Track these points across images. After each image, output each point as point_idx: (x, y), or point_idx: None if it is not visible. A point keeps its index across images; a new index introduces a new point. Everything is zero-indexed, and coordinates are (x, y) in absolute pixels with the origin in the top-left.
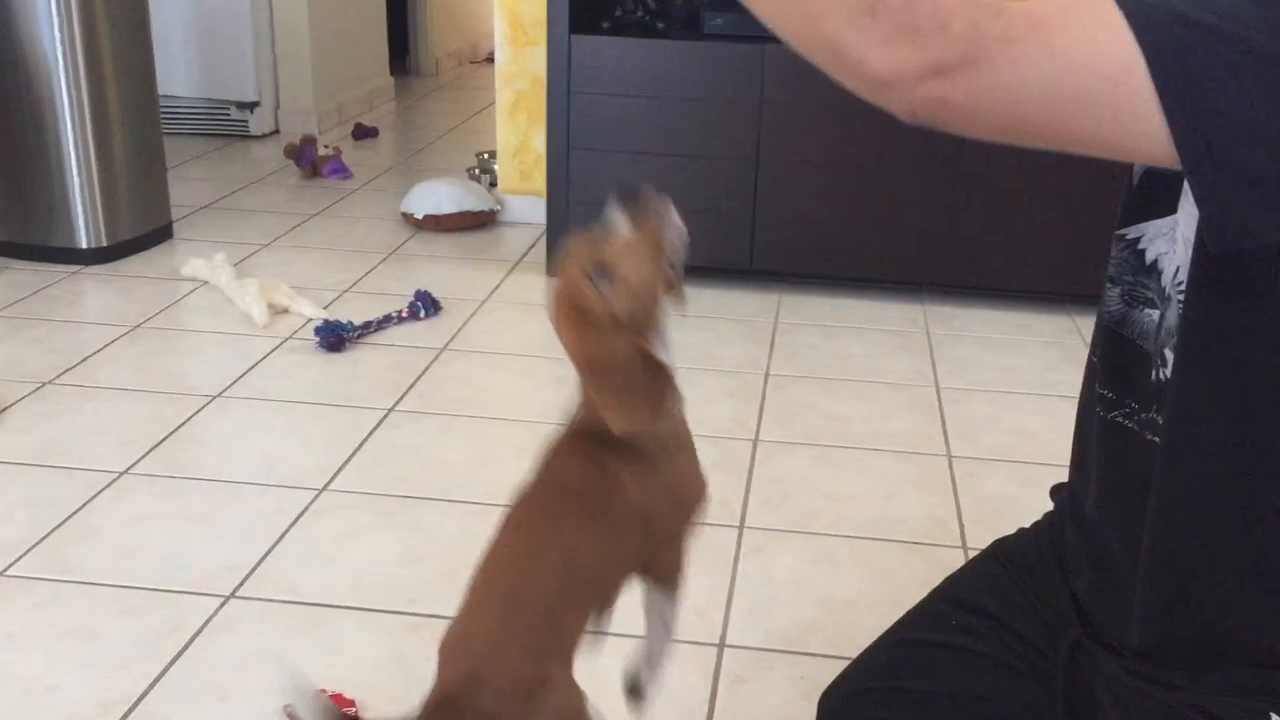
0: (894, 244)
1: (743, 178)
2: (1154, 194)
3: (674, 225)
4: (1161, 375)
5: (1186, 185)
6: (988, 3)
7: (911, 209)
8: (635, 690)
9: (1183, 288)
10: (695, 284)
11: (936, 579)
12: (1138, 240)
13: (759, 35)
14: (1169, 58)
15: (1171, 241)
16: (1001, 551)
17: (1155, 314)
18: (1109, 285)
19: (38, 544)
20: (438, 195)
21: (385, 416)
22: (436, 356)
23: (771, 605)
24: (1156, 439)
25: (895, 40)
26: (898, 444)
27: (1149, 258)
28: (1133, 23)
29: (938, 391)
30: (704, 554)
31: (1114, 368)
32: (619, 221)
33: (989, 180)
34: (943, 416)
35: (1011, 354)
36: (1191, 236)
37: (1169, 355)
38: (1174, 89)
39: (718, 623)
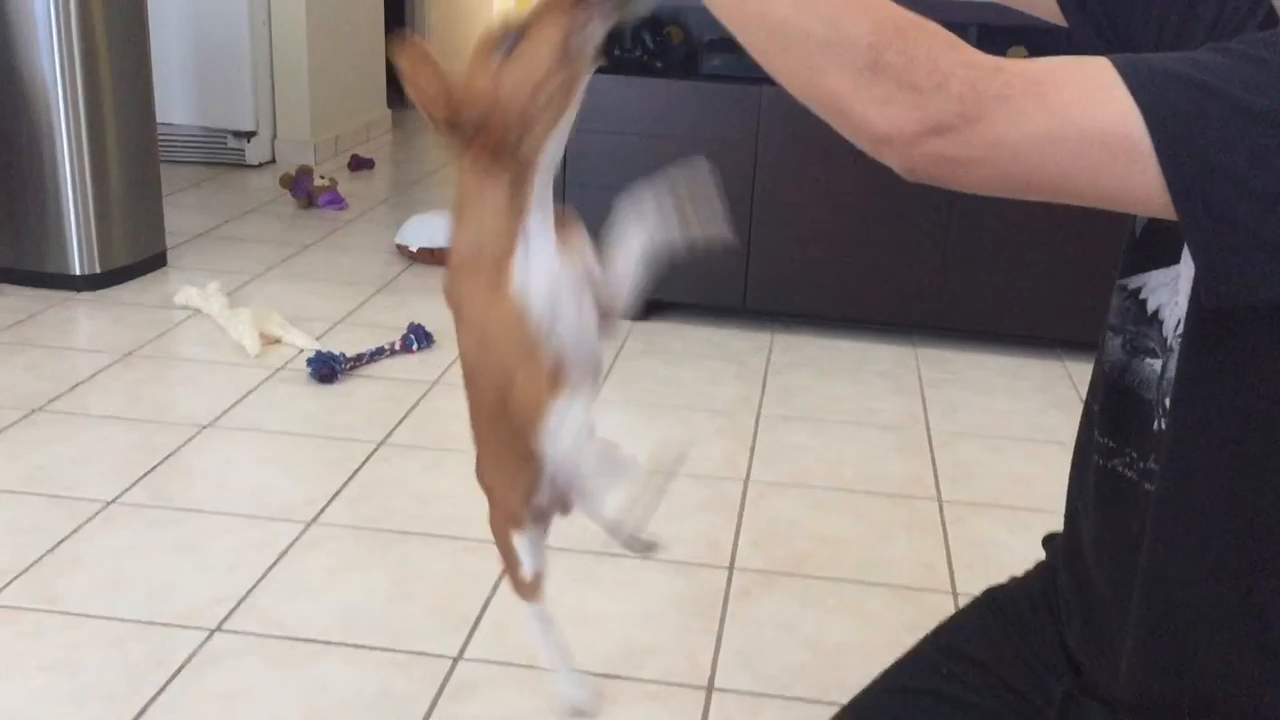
0: (887, 286)
1: (737, 217)
2: (1156, 244)
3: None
4: (1162, 425)
5: None
6: (985, 62)
7: (905, 251)
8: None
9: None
10: (688, 322)
11: (926, 624)
12: (1139, 290)
13: (756, 77)
14: (1166, 115)
15: (1173, 292)
16: (994, 600)
17: (1157, 364)
18: (1110, 334)
19: (23, 573)
20: (432, 228)
21: (376, 450)
22: (428, 390)
23: (761, 648)
24: (1152, 489)
25: (895, 98)
26: (888, 487)
27: (1150, 307)
28: (1129, 81)
29: (929, 434)
30: (693, 594)
31: (1114, 417)
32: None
33: (983, 224)
34: (934, 460)
35: (1003, 398)
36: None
37: (1169, 405)
38: (1171, 146)
39: (706, 665)
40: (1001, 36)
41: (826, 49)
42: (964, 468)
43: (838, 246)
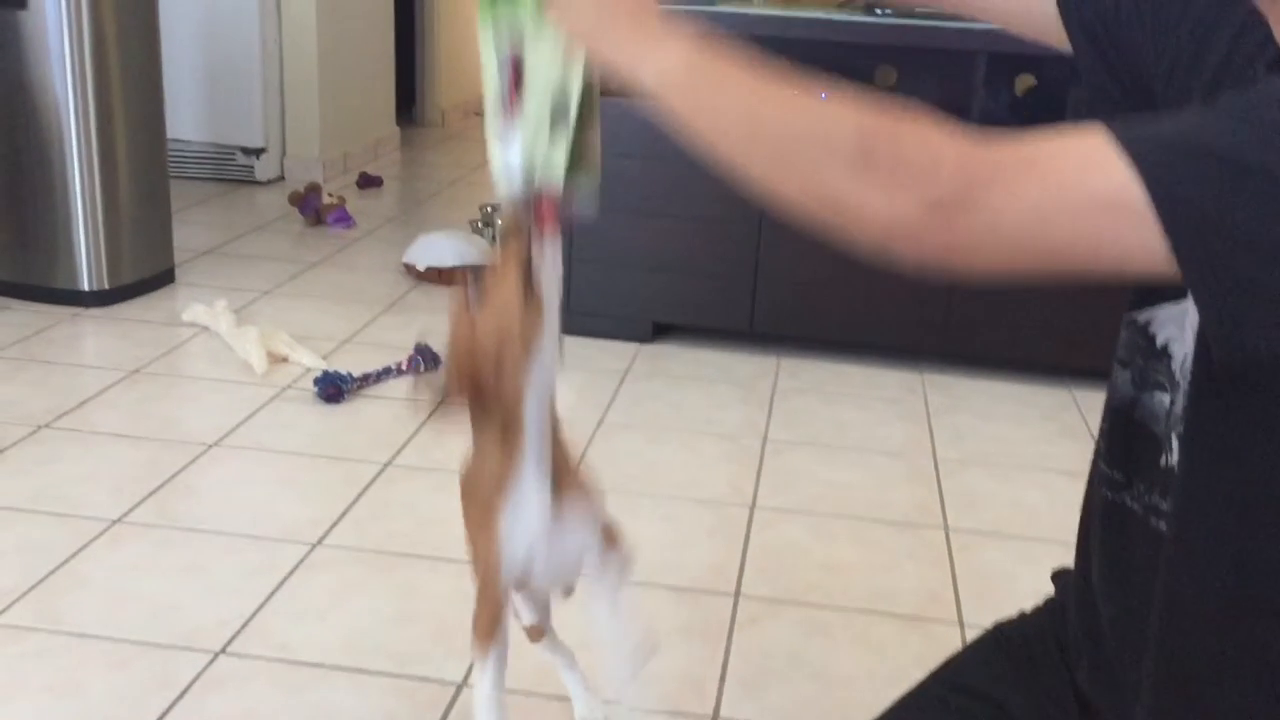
0: (894, 311)
1: (745, 240)
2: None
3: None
4: (1169, 460)
5: None
6: (976, 145)
7: (913, 277)
8: None
9: (1187, 366)
10: (695, 345)
11: (932, 655)
12: (1148, 324)
13: None
14: (1163, 179)
15: (1181, 328)
16: (1002, 634)
17: (1165, 398)
18: (1119, 367)
19: (28, 592)
20: (440, 248)
21: (381, 471)
22: (434, 411)
23: (766, 678)
24: (1161, 525)
25: (891, 189)
26: (895, 514)
27: (1159, 342)
28: (1125, 149)
29: (935, 462)
30: (698, 621)
31: (1122, 450)
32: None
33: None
34: (940, 487)
35: (1009, 426)
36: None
37: (1177, 441)
38: (1171, 208)
39: (711, 694)
40: (1011, 64)
41: (817, 150)
42: (971, 496)
43: (845, 271)
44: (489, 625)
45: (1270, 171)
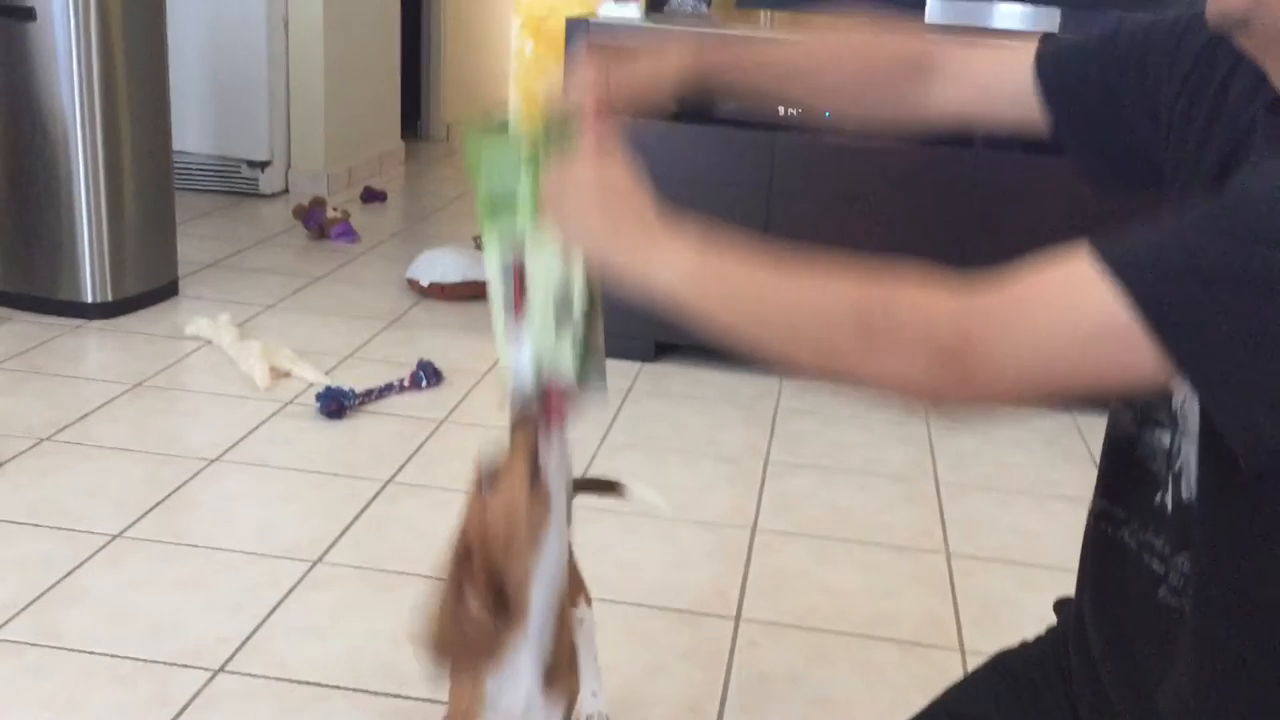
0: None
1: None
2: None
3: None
4: (1165, 499)
5: None
6: (965, 297)
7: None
8: None
9: (1187, 407)
10: (697, 365)
11: (932, 681)
12: None
13: (771, 123)
14: (1151, 297)
15: None
16: (1003, 664)
17: (1166, 436)
18: (1120, 404)
19: (27, 606)
20: (443, 263)
21: (383, 488)
22: (437, 428)
23: (766, 702)
24: (1154, 563)
25: (895, 356)
26: (896, 538)
27: None
28: (1113, 274)
29: (937, 485)
30: (699, 644)
31: (1121, 486)
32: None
33: (992, 270)
34: (941, 512)
35: (1011, 450)
36: None
37: (1173, 480)
38: (1169, 329)
39: (711, 718)
40: None
41: (821, 331)
42: (972, 521)
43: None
44: None
45: (1258, 279)
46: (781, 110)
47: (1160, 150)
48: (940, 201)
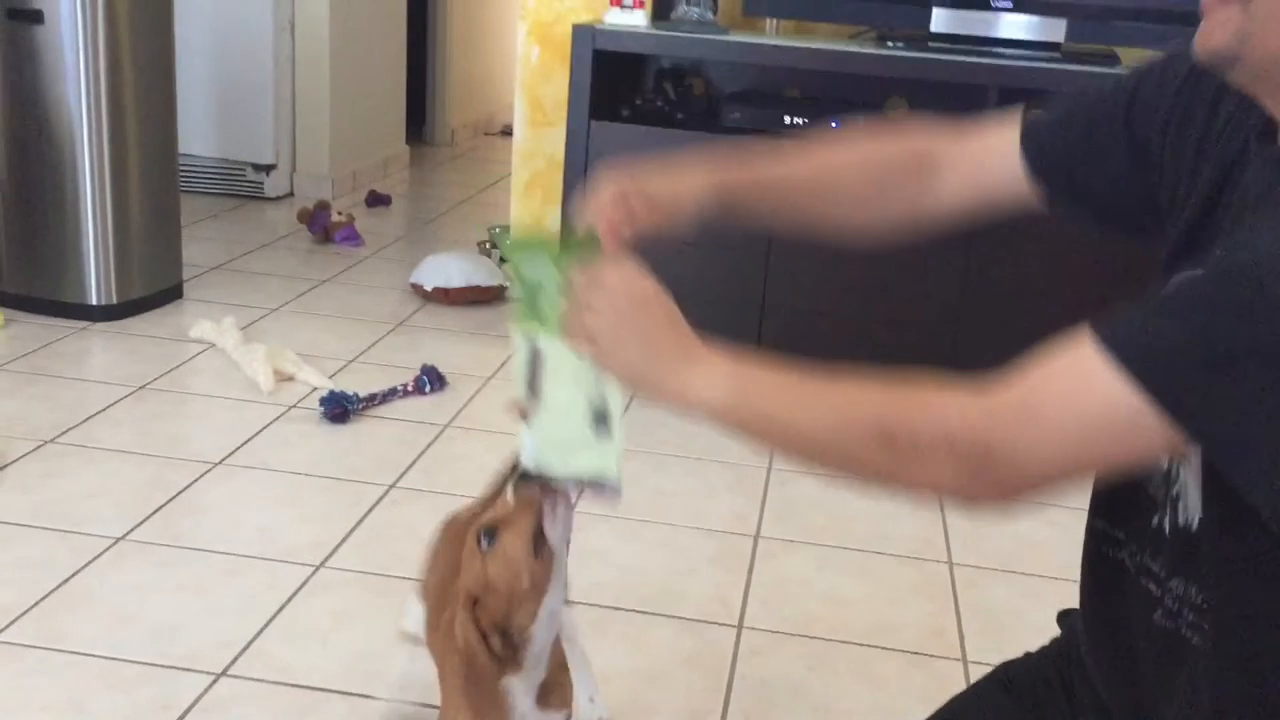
0: (901, 347)
1: (752, 270)
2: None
3: (562, 517)
4: (1162, 522)
5: None
6: (978, 401)
7: (920, 313)
8: None
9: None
10: None
11: (935, 692)
12: None
13: (775, 131)
14: (1166, 387)
15: None
16: (1007, 676)
17: (1164, 458)
18: None
19: (30, 609)
20: (447, 268)
21: (386, 493)
22: (440, 433)
23: (769, 711)
24: (1151, 586)
25: (920, 466)
26: (899, 548)
27: None
28: (1116, 360)
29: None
30: (701, 652)
31: (1120, 508)
32: (511, 499)
33: (999, 295)
34: (944, 520)
35: None
36: None
37: (1170, 504)
38: (1183, 414)
39: None
40: (1021, 99)
41: (851, 445)
42: (974, 530)
43: (853, 306)
44: None
45: (1265, 353)
46: (788, 119)
47: (1155, 186)
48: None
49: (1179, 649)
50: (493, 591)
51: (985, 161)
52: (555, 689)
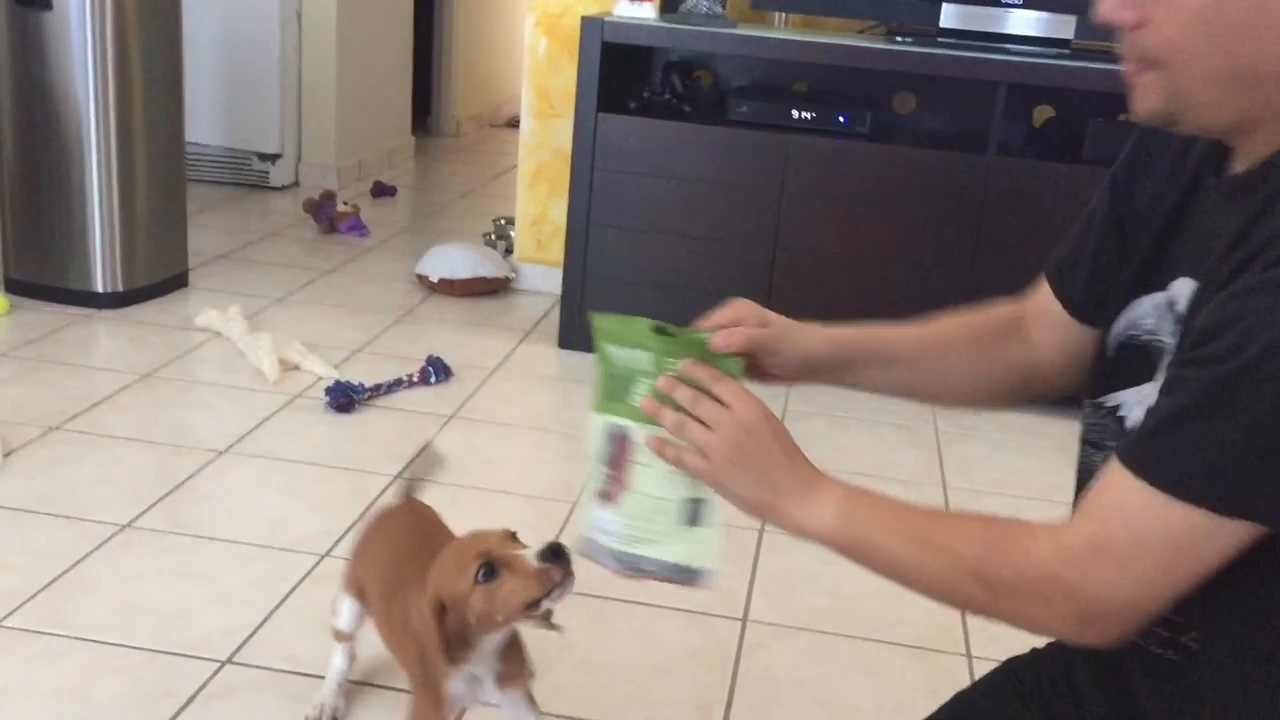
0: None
1: (759, 261)
2: (1130, 364)
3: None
4: None
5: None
6: (1054, 546)
7: (926, 306)
8: None
9: None
10: None
11: (939, 686)
12: (1117, 408)
13: (782, 125)
14: (1220, 494)
15: (1146, 410)
16: (1013, 671)
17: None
18: (1090, 449)
19: (35, 595)
20: (453, 259)
21: (391, 483)
22: (445, 424)
23: (773, 705)
24: None
25: (1018, 610)
26: None
27: (1129, 425)
28: (1157, 487)
29: (945, 491)
30: (706, 647)
31: None
32: (532, 560)
33: (1004, 280)
34: None
35: (1020, 456)
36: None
37: None
38: (1258, 512)
39: (719, 719)
40: (1030, 95)
41: (952, 583)
42: None
43: (858, 296)
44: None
45: None
46: (795, 113)
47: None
48: (953, 206)
49: (1156, 666)
50: (467, 610)
51: (1048, 308)
52: (513, 666)
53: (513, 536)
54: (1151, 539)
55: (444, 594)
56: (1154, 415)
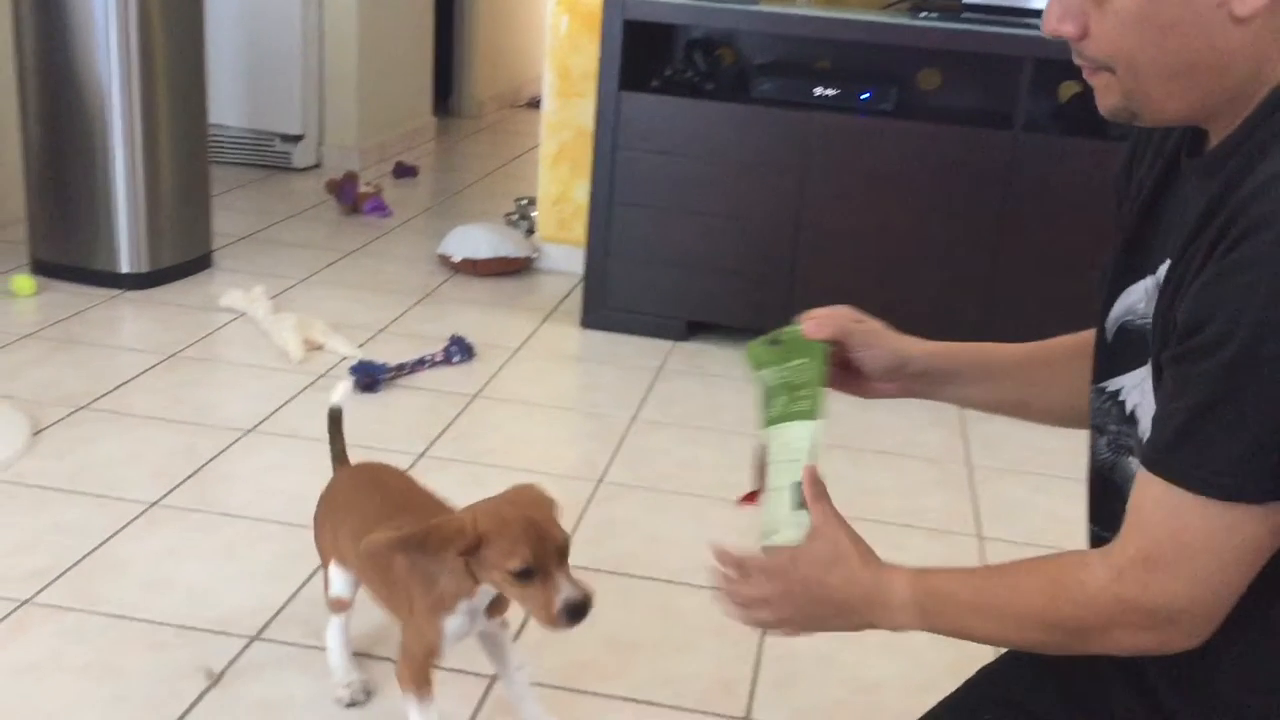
0: (929, 315)
1: (782, 240)
2: (1128, 349)
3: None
4: None
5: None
6: (1107, 572)
7: (951, 283)
8: None
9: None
10: (730, 344)
11: (963, 664)
12: (1118, 392)
13: (805, 102)
14: (1254, 485)
15: (1143, 393)
16: None
17: (1138, 463)
18: (1095, 433)
19: (65, 573)
20: (475, 239)
21: (415, 462)
22: (469, 403)
23: (797, 681)
24: None
25: (1090, 640)
26: (929, 521)
27: (1128, 408)
28: (1186, 488)
29: (970, 469)
30: (731, 623)
31: (1105, 510)
32: (559, 599)
33: (1028, 257)
34: (974, 496)
35: (1045, 434)
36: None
37: None
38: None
39: (743, 696)
40: (1056, 70)
41: (1029, 638)
42: (1006, 505)
43: (883, 274)
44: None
45: None
46: (818, 91)
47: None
48: (978, 183)
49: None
50: (485, 574)
51: None
52: (502, 601)
53: (554, 508)
54: (1196, 541)
55: (485, 548)
56: (1171, 419)
